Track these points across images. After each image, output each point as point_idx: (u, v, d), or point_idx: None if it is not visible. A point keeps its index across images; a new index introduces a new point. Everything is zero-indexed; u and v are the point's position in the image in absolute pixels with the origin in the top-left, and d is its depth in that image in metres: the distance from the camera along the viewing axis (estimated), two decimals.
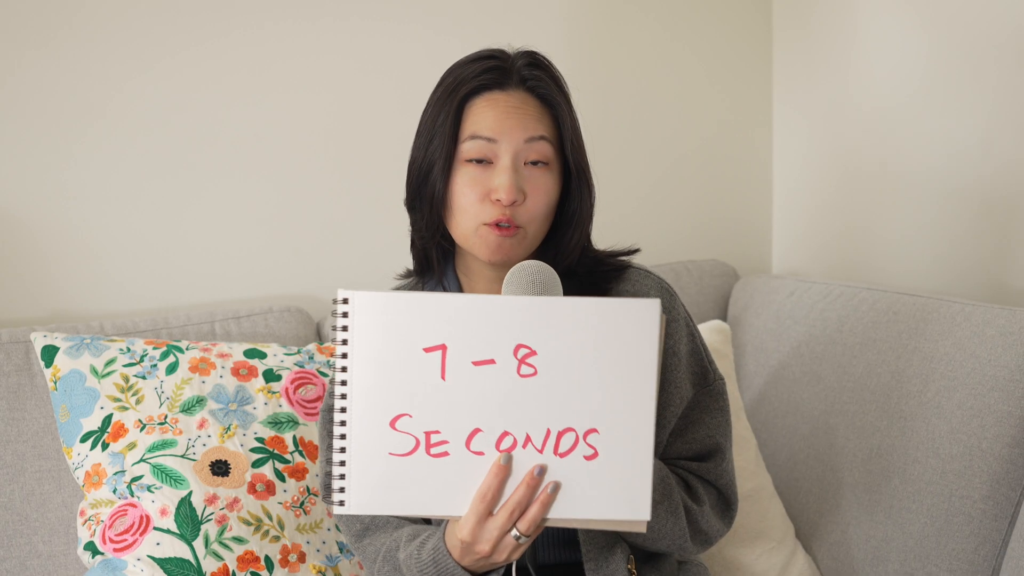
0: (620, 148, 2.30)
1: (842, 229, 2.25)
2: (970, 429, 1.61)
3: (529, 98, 1.39)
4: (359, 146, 2.10)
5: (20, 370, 1.77)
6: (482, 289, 1.46)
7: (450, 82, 1.40)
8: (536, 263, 1.28)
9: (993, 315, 1.67)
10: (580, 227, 1.43)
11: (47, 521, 1.73)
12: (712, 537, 1.46)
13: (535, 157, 1.37)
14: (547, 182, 1.38)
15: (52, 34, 1.90)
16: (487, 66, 1.39)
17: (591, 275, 1.46)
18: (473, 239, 1.38)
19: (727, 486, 1.48)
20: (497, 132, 1.36)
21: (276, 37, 2.03)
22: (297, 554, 1.64)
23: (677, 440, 1.46)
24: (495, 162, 1.37)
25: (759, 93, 2.40)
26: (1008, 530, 1.57)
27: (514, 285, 1.26)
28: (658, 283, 1.48)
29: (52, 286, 1.94)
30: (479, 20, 2.15)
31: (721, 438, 1.47)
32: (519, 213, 1.37)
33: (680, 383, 1.45)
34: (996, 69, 1.88)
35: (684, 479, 1.45)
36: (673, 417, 1.44)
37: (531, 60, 1.41)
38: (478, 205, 1.37)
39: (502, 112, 1.37)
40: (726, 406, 1.49)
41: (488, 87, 1.38)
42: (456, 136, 1.38)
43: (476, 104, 1.38)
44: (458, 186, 1.38)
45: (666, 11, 2.32)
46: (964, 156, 1.95)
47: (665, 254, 2.32)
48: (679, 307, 1.48)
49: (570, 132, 1.40)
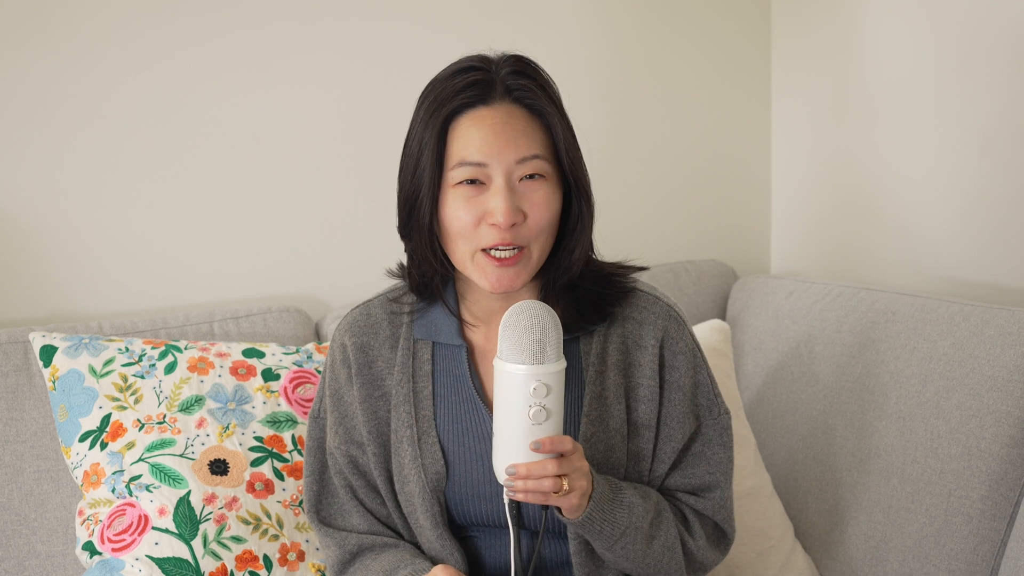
0: (618, 149, 2.30)
1: (841, 229, 2.25)
2: (969, 429, 1.61)
3: (517, 110, 1.32)
4: (359, 146, 2.10)
5: (19, 370, 1.77)
6: (480, 311, 1.42)
7: (431, 101, 1.32)
8: (534, 308, 1.23)
9: (992, 315, 1.67)
10: (582, 238, 1.37)
11: (46, 521, 1.73)
12: (708, 566, 1.46)
13: (530, 171, 1.31)
14: (546, 195, 1.32)
15: (50, 33, 1.90)
16: (469, 80, 1.31)
17: (595, 294, 1.41)
18: (471, 268, 1.33)
19: (724, 520, 1.46)
20: (486, 155, 1.29)
21: (275, 36, 2.03)
22: (296, 553, 1.63)
23: (676, 472, 1.44)
24: (488, 184, 1.30)
25: (758, 93, 2.40)
26: (1007, 530, 1.57)
27: (512, 340, 1.23)
28: (667, 311, 1.42)
29: (50, 286, 1.94)
30: (480, 20, 2.15)
31: (721, 475, 1.44)
32: (521, 233, 1.31)
33: (683, 417, 1.41)
34: (996, 69, 1.88)
35: (681, 511, 1.44)
36: (673, 452, 1.42)
37: (515, 68, 1.33)
38: (474, 230, 1.31)
39: (489, 132, 1.29)
40: (730, 442, 1.45)
41: (472, 104, 1.31)
42: (442, 162, 1.31)
43: (461, 124, 1.31)
44: (451, 211, 1.31)
45: (664, 11, 2.32)
46: (963, 156, 1.95)
47: (664, 254, 2.32)
48: (687, 337, 1.43)
49: (563, 142, 1.33)
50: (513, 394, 1.24)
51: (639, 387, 1.41)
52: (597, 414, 1.39)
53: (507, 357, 1.24)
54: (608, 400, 1.39)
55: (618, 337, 1.41)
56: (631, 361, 1.41)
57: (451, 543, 1.40)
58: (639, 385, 1.41)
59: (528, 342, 1.22)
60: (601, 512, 1.30)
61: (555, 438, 1.24)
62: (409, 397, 1.41)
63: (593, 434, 1.38)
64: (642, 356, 1.41)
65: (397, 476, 1.42)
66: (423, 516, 1.40)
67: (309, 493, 1.48)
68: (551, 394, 1.23)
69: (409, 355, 1.43)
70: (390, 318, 1.45)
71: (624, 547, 1.34)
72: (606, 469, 1.38)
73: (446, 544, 1.40)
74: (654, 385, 1.40)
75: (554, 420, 1.25)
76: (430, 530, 1.40)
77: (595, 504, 1.30)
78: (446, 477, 1.39)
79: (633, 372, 1.41)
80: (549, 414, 1.24)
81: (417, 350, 1.43)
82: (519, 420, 1.24)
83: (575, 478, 1.26)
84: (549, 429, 1.24)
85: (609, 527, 1.32)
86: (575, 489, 1.26)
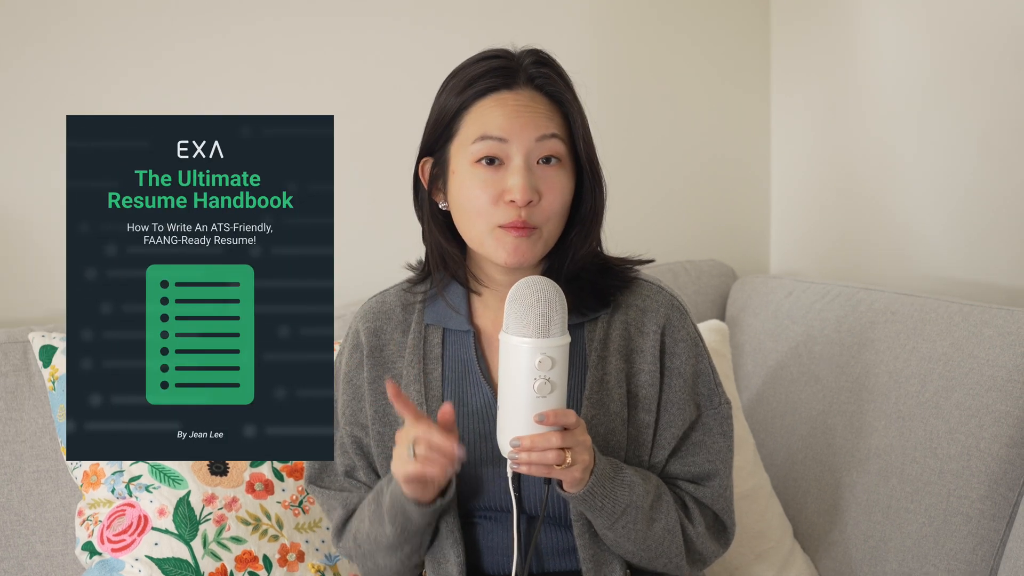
0: (618, 148, 2.29)
1: (840, 229, 2.25)
2: (968, 429, 1.61)
3: (538, 96, 1.38)
4: (359, 145, 2.10)
5: (18, 370, 1.77)
6: (494, 290, 1.45)
7: (455, 82, 1.38)
8: (540, 283, 1.26)
9: (991, 315, 1.67)
10: (594, 227, 1.42)
11: (45, 521, 1.73)
12: (708, 558, 1.46)
13: (547, 153, 1.36)
14: (561, 180, 1.37)
15: (49, 32, 1.90)
16: (493, 66, 1.37)
17: (598, 282, 1.44)
18: (488, 242, 1.37)
19: (724, 510, 1.47)
20: (508, 131, 1.34)
21: (276, 32, 2.03)
22: (296, 553, 1.64)
23: (676, 460, 1.45)
24: (507, 162, 1.35)
25: (757, 93, 2.40)
26: (1006, 530, 1.57)
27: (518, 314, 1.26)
28: (669, 300, 1.46)
29: (50, 286, 1.94)
30: (480, 19, 2.15)
31: (721, 463, 1.46)
32: (535, 213, 1.35)
33: (683, 404, 1.43)
34: (996, 68, 1.88)
35: (681, 499, 1.45)
36: (673, 439, 1.43)
37: (537, 58, 1.39)
38: (491, 207, 1.35)
39: (512, 111, 1.35)
40: (730, 431, 1.47)
41: (495, 88, 1.36)
42: (464, 139, 1.37)
43: (484, 104, 1.36)
44: (469, 188, 1.36)
45: (663, 11, 2.32)
46: (963, 156, 1.95)
47: (663, 254, 2.32)
48: (688, 326, 1.46)
49: (581, 129, 1.39)
50: (518, 367, 1.26)
51: (640, 372, 1.43)
52: (598, 397, 1.41)
53: (513, 331, 1.26)
54: (609, 384, 1.41)
55: (621, 324, 1.44)
56: (633, 347, 1.43)
57: (454, 522, 1.41)
58: (640, 371, 1.43)
59: (534, 315, 1.24)
60: (602, 488, 1.32)
61: (559, 411, 1.26)
62: (419, 378, 1.45)
63: (594, 417, 1.40)
64: (644, 342, 1.43)
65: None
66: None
67: (310, 469, 1.51)
68: (555, 367, 1.25)
69: (420, 339, 1.46)
70: (403, 305, 1.50)
71: (625, 526, 1.35)
72: (606, 452, 1.40)
73: (448, 523, 1.41)
74: (655, 371, 1.43)
75: (558, 393, 1.26)
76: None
77: (596, 479, 1.31)
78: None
79: (634, 358, 1.43)
80: (553, 387, 1.26)
81: (428, 335, 1.47)
82: (524, 393, 1.26)
83: (578, 451, 1.28)
84: (553, 402, 1.26)
85: (610, 504, 1.33)
86: (577, 463, 1.28)
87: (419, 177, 1.44)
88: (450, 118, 1.38)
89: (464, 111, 1.37)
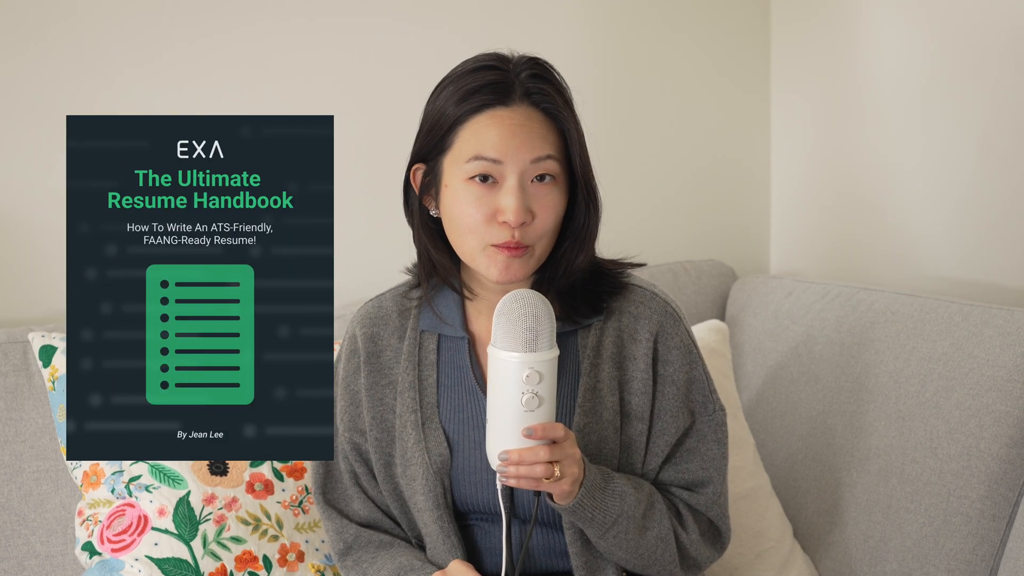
0: (617, 148, 2.30)
1: (840, 229, 2.25)
2: (968, 429, 1.61)
3: (534, 113, 1.34)
4: (358, 145, 2.10)
5: (18, 370, 1.77)
6: (486, 298, 1.44)
7: (450, 92, 1.35)
8: (528, 297, 1.26)
9: (991, 315, 1.67)
10: (587, 243, 1.40)
11: (45, 521, 1.73)
12: (702, 563, 1.46)
13: (542, 172, 1.34)
14: (554, 198, 1.35)
15: (49, 32, 1.90)
16: (489, 79, 1.34)
17: (591, 289, 1.43)
18: (480, 259, 1.36)
19: (718, 516, 1.47)
20: (503, 153, 1.32)
21: (275, 32, 2.03)
22: (296, 553, 1.64)
23: (670, 467, 1.45)
24: (500, 182, 1.33)
25: (757, 93, 2.40)
26: (1006, 530, 1.57)
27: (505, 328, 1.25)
28: (663, 307, 1.45)
29: (50, 286, 1.94)
30: (480, 18, 2.15)
31: (714, 470, 1.45)
32: (528, 233, 1.34)
33: (676, 411, 1.43)
34: (995, 68, 1.88)
35: (674, 505, 1.44)
36: (666, 446, 1.43)
37: (534, 71, 1.36)
38: (484, 226, 1.33)
39: (507, 131, 1.32)
40: (724, 438, 1.47)
41: (491, 104, 1.33)
42: (458, 155, 1.35)
43: (479, 121, 1.34)
44: (463, 205, 1.34)
45: (663, 10, 2.32)
46: (963, 156, 1.95)
47: (663, 254, 2.32)
48: (682, 333, 1.45)
49: (577, 147, 1.37)
50: (506, 381, 1.26)
51: (633, 380, 1.43)
52: (591, 405, 1.41)
53: (501, 345, 1.26)
54: (602, 391, 1.41)
55: (614, 330, 1.43)
56: (625, 354, 1.43)
57: (450, 526, 1.41)
58: (633, 378, 1.43)
59: (521, 330, 1.24)
60: (592, 499, 1.32)
61: (547, 425, 1.26)
62: (414, 384, 1.44)
63: (586, 424, 1.40)
64: (636, 349, 1.43)
65: (400, 460, 1.44)
66: (425, 499, 1.42)
67: (316, 476, 1.51)
68: (543, 381, 1.26)
69: (415, 345, 1.46)
70: (400, 311, 1.49)
71: (616, 536, 1.35)
72: (599, 460, 1.40)
73: (444, 527, 1.41)
74: (647, 378, 1.42)
75: (546, 407, 1.27)
76: (430, 512, 1.42)
77: (586, 491, 1.31)
78: (450, 460, 1.42)
79: (627, 365, 1.43)
80: (541, 401, 1.26)
81: (423, 341, 1.47)
82: (512, 407, 1.26)
83: (566, 465, 1.28)
84: (541, 416, 1.27)
85: (600, 515, 1.33)
86: (566, 475, 1.28)
87: (410, 183, 1.43)
88: (444, 131, 1.35)
89: (459, 125, 1.34)
